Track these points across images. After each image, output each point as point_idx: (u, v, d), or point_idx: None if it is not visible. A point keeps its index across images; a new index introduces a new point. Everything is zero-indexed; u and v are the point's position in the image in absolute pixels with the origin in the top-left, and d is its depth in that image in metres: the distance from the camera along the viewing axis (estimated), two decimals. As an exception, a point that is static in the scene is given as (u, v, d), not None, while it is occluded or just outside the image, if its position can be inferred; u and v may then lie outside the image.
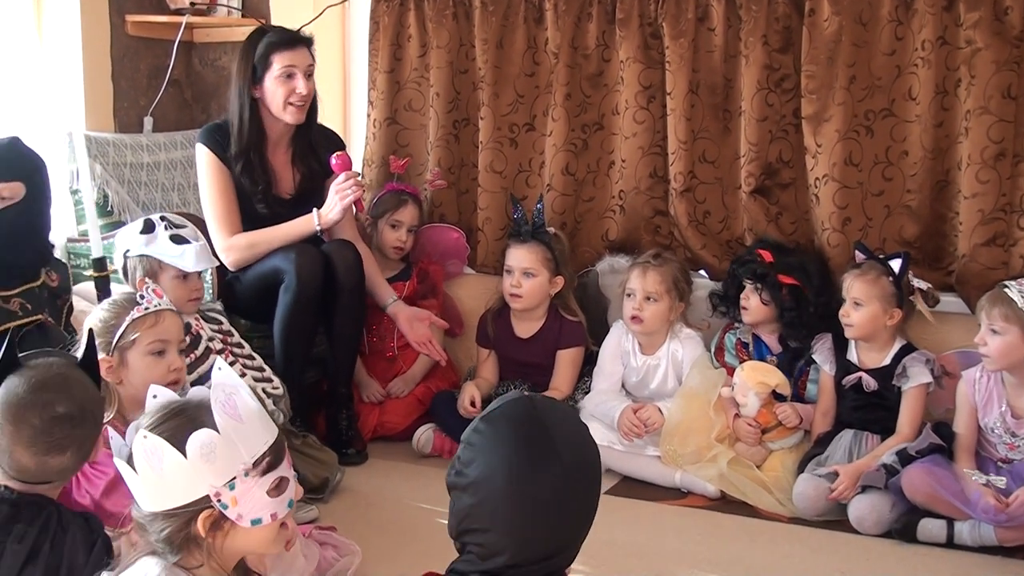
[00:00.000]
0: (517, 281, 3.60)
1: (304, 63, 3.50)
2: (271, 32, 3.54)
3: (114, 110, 4.28)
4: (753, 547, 2.87)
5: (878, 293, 3.13)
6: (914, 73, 3.38)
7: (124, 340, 2.46)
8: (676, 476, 3.27)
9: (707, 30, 3.63)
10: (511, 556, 1.56)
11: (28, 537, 1.83)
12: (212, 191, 3.54)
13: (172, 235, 3.01)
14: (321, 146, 3.62)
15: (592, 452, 1.67)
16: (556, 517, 1.58)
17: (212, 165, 3.53)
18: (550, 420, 1.60)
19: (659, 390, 3.49)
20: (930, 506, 2.85)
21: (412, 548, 2.73)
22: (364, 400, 3.72)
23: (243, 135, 3.50)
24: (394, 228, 3.85)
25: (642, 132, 3.74)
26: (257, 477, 1.65)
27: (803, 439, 3.28)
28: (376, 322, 3.81)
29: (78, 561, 1.84)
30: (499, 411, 1.62)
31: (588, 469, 1.65)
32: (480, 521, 1.57)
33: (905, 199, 3.46)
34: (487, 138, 3.93)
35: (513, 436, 1.58)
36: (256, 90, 3.50)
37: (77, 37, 4.11)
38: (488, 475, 1.56)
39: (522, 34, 3.88)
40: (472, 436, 1.62)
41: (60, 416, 1.86)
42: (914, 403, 3.11)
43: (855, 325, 3.16)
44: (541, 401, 1.66)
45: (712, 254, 3.70)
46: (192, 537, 1.64)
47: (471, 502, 1.58)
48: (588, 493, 1.65)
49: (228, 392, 1.65)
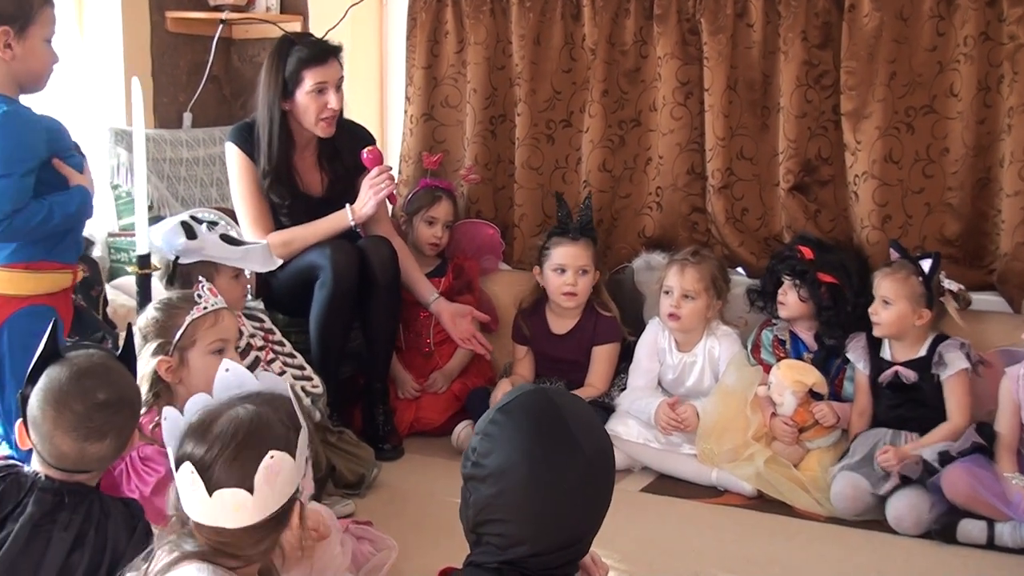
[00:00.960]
0: (573, 279, 3.60)
1: (335, 77, 3.49)
2: (300, 45, 3.50)
3: (154, 106, 4.32)
4: (790, 547, 2.85)
5: (907, 292, 3.10)
6: (956, 69, 3.34)
7: (185, 340, 2.43)
8: (712, 474, 3.26)
9: (746, 26, 3.61)
10: (531, 546, 1.57)
11: (73, 524, 1.85)
12: (244, 190, 3.55)
13: (221, 235, 2.96)
14: (348, 145, 3.61)
15: (607, 441, 1.69)
16: (577, 506, 1.59)
17: (243, 164, 3.55)
18: (567, 410, 1.62)
19: (695, 387, 3.47)
20: (970, 507, 2.82)
21: (448, 543, 2.72)
22: (400, 396, 3.73)
23: (272, 150, 3.49)
24: (429, 224, 3.85)
25: (679, 129, 3.72)
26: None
27: (840, 438, 3.25)
28: (412, 318, 3.82)
29: (120, 545, 1.86)
30: (515, 402, 1.64)
31: (606, 458, 1.67)
32: (500, 512, 1.58)
33: (946, 197, 3.43)
34: (524, 134, 3.92)
35: (532, 426, 1.59)
36: (286, 103, 3.49)
37: (118, 33, 4.16)
38: (508, 465, 1.57)
39: (559, 30, 3.87)
40: (489, 427, 1.63)
41: (101, 402, 1.88)
42: (958, 390, 3.07)
43: (883, 323, 3.14)
44: (556, 392, 1.68)
45: (750, 251, 3.68)
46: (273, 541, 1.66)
47: (490, 492, 1.58)
48: (606, 481, 1.67)
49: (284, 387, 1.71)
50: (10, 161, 2.39)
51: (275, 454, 1.60)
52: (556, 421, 1.59)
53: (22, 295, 2.48)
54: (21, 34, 2.49)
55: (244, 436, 1.62)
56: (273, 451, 1.60)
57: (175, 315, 2.44)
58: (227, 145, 3.60)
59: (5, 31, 2.46)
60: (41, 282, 2.51)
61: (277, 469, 1.60)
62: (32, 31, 2.51)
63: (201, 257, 2.92)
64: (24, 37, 2.49)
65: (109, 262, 3.85)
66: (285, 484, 1.62)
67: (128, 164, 3.90)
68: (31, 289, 2.49)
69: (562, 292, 3.62)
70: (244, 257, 2.98)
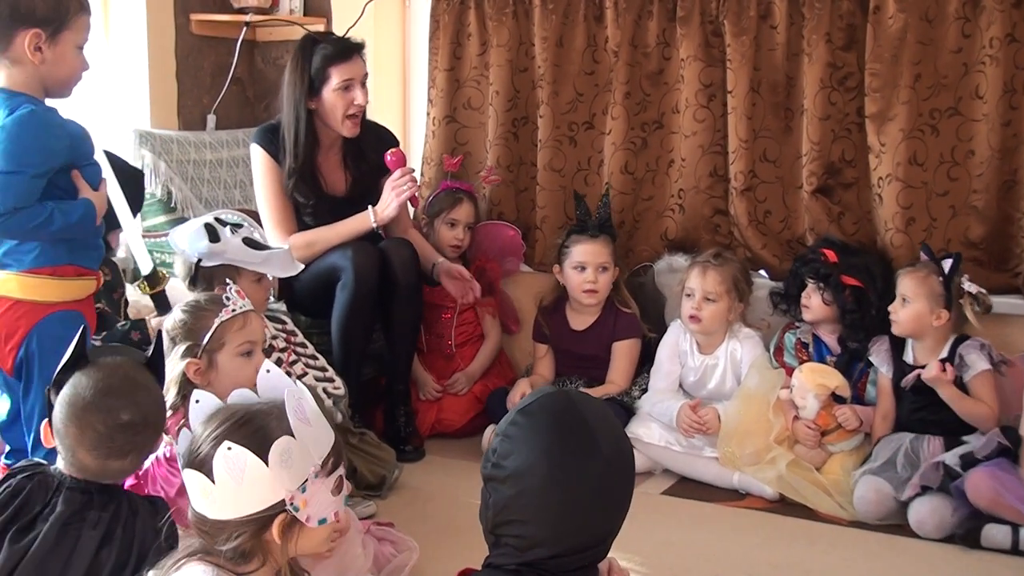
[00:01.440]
0: (593, 276, 3.60)
1: (360, 73, 3.52)
2: (324, 43, 3.53)
3: (178, 108, 4.35)
4: (812, 551, 2.84)
5: (926, 291, 3.08)
6: (981, 71, 3.33)
7: (213, 342, 2.43)
8: (734, 478, 3.25)
9: (769, 28, 3.60)
10: (550, 547, 1.57)
11: (102, 522, 1.87)
12: (268, 192, 3.57)
13: (244, 239, 2.96)
14: (372, 145, 3.63)
15: (627, 443, 1.69)
16: (597, 508, 1.59)
17: (267, 166, 3.57)
18: (587, 412, 1.61)
19: (717, 390, 3.46)
20: (994, 511, 2.79)
21: (469, 544, 2.72)
22: (421, 398, 3.74)
23: (297, 149, 3.51)
24: (451, 227, 3.86)
25: (702, 131, 3.71)
26: (324, 478, 1.68)
27: (863, 442, 3.23)
28: (434, 320, 3.83)
29: (147, 544, 1.88)
30: (536, 404, 1.63)
31: (626, 459, 1.66)
32: (519, 513, 1.58)
33: (971, 199, 3.41)
34: (546, 136, 3.92)
35: (552, 428, 1.59)
36: (312, 102, 3.51)
37: (143, 36, 4.18)
38: (528, 467, 1.57)
39: (582, 32, 3.87)
40: (509, 428, 1.62)
41: (124, 424, 1.89)
42: (985, 386, 3.03)
43: (900, 321, 3.13)
44: (577, 395, 1.68)
45: (772, 254, 3.66)
46: (261, 543, 1.65)
47: (510, 493, 1.58)
48: (626, 484, 1.66)
49: (297, 397, 1.68)
50: (24, 159, 2.37)
51: (233, 447, 1.61)
52: (576, 423, 1.59)
53: (50, 301, 2.49)
54: (53, 38, 2.47)
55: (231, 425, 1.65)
56: (231, 444, 1.61)
57: (203, 317, 2.45)
58: (252, 147, 3.62)
59: (37, 34, 2.45)
60: (68, 288, 2.52)
61: (239, 465, 1.60)
62: (65, 36, 2.50)
63: (223, 260, 2.93)
64: (56, 42, 2.48)
65: (133, 263, 3.87)
66: (258, 487, 1.62)
67: (153, 166, 3.93)
68: (59, 295, 2.49)
69: (583, 289, 3.62)
70: (265, 262, 2.98)
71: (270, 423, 1.66)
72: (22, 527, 1.87)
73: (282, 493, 1.63)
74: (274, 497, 1.63)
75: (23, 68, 2.46)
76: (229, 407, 1.72)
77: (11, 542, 1.85)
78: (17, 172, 2.36)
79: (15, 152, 2.37)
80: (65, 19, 2.49)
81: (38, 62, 2.46)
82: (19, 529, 1.87)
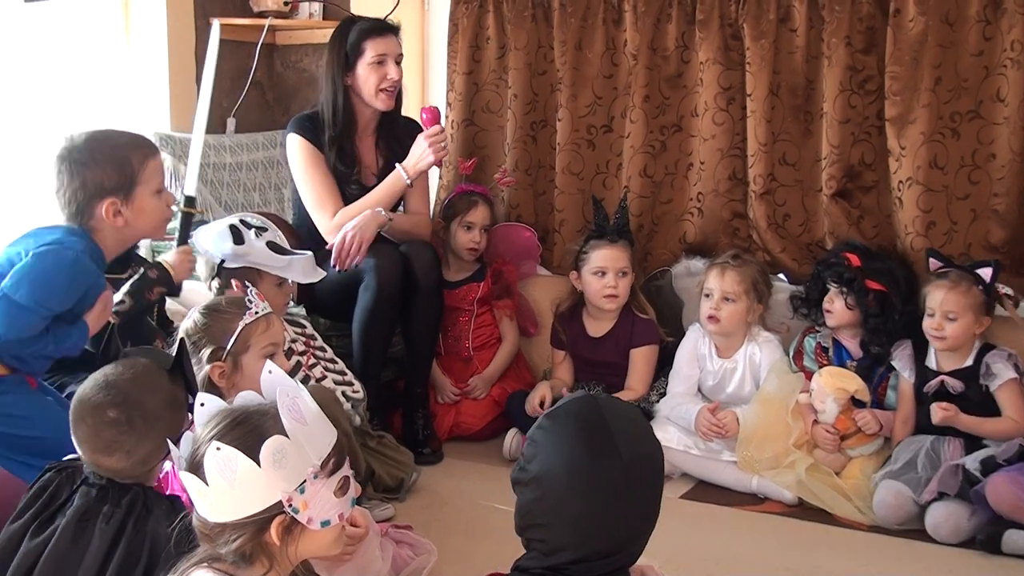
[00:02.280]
0: (614, 281, 3.60)
1: (395, 51, 3.59)
2: (361, 20, 3.64)
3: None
4: (832, 555, 2.83)
5: (971, 303, 3.06)
6: (1003, 74, 3.31)
7: (238, 345, 2.42)
8: (753, 482, 3.24)
9: (789, 31, 3.59)
10: (574, 551, 1.57)
11: (115, 518, 1.89)
12: (310, 175, 3.61)
13: (268, 242, 2.97)
14: (406, 136, 3.68)
15: (652, 447, 1.67)
16: (616, 512, 1.58)
17: (306, 151, 3.61)
18: (610, 416, 1.61)
19: (736, 394, 3.45)
20: (1015, 516, 2.77)
21: (487, 548, 2.74)
22: (439, 401, 3.74)
23: (337, 121, 3.59)
24: (467, 229, 3.86)
25: (721, 134, 3.71)
26: (324, 478, 1.66)
27: (883, 446, 3.22)
28: (451, 323, 3.83)
29: (160, 542, 1.89)
30: (563, 408, 1.65)
31: (648, 463, 1.64)
32: (542, 516, 1.59)
33: (992, 203, 3.39)
34: (564, 140, 3.92)
35: (574, 432, 1.60)
36: (348, 77, 3.59)
37: (163, 39, 4.21)
38: (549, 470, 1.58)
39: (601, 35, 3.87)
40: (536, 433, 1.64)
41: (108, 421, 1.91)
42: (1012, 396, 3.02)
43: (949, 338, 3.08)
44: (604, 399, 1.68)
45: (792, 257, 3.65)
46: (262, 546, 1.64)
47: (533, 497, 1.60)
48: (648, 488, 1.64)
49: (292, 396, 1.67)
50: (44, 300, 2.37)
51: (222, 447, 1.60)
52: (597, 426, 1.59)
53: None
54: (128, 199, 2.52)
55: (226, 426, 1.65)
56: (220, 444, 1.60)
57: (224, 321, 2.44)
58: (288, 137, 3.66)
59: (112, 203, 2.49)
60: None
61: (231, 466, 1.59)
62: (139, 192, 2.53)
63: (246, 263, 2.94)
64: (132, 200, 2.52)
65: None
66: (252, 488, 1.61)
67: (173, 169, 3.95)
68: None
69: (603, 295, 3.61)
70: (288, 267, 2.99)
71: (265, 423, 1.65)
72: (44, 520, 1.92)
73: (278, 494, 1.61)
74: (270, 498, 1.61)
75: (106, 233, 2.51)
76: (228, 408, 1.72)
77: (33, 534, 1.90)
78: (32, 310, 2.36)
79: (39, 290, 2.37)
80: (134, 177, 2.53)
81: (120, 226, 2.50)
82: (41, 522, 1.91)
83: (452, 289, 3.80)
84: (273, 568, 1.67)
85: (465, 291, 3.85)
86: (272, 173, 4.33)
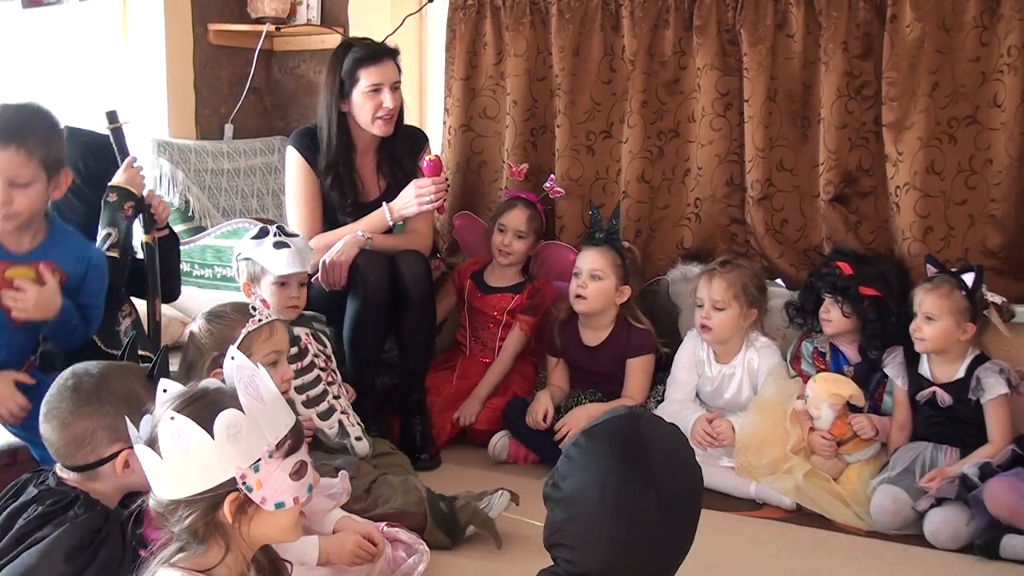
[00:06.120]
0: (584, 283, 3.57)
1: (390, 78, 3.55)
2: (357, 47, 3.59)
3: (196, 117, 4.37)
4: (830, 561, 2.83)
5: (951, 307, 3.06)
6: (999, 80, 3.31)
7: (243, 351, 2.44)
8: (751, 487, 3.23)
9: (786, 36, 3.59)
10: None
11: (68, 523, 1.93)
12: (298, 194, 3.63)
13: (276, 242, 3.03)
14: (407, 149, 3.69)
15: (693, 476, 1.62)
16: (647, 544, 1.54)
17: (300, 168, 3.62)
18: (652, 441, 1.56)
19: (734, 400, 3.45)
20: (1013, 521, 2.77)
21: (480, 551, 2.74)
22: (460, 423, 3.69)
23: (332, 149, 3.58)
24: (500, 231, 3.86)
25: (718, 139, 3.71)
26: (280, 459, 1.64)
27: (880, 451, 3.22)
28: (480, 327, 3.87)
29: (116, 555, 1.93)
30: (604, 426, 1.59)
31: (685, 498, 1.59)
32: (570, 538, 1.56)
33: (989, 208, 3.39)
34: (563, 146, 3.93)
35: (611, 455, 1.54)
36: (344, 104, 3.58)
37: (161, 46, 4.21)
38: (581, 493, 1.54)
39: (599, 41, 3.88)
40: (572, 449, 1.59)
41: (63, 386, 2.01)
42: (999, 413, 3.02)
43: (927, 339, 3.09)
44: (648, 419, 1.61)
45: (789, 263, 3.65)
46: (216, 525, 1.63)
47: (563, 517, 1.56)
48: (685, 520, 1.60)
49: (250, 374, 1.66)
50: None
51: (176, 416, 1.59)
52: (635, 452, 1.54)
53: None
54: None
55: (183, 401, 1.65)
56: (174, 414, 1.60)
57: (230, 327, 2.47)
58: (288, 149, 3.69)
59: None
60: None
61: (185, 436, 1.58)
62: None
63: (249, 255, 3.06)
64: None
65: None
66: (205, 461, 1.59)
67: (171, 175, 3.95)
68: None
69: (573, 295, 3.60)
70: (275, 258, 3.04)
71: (222, 399, 1.64)
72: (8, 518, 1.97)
73: (231, 471, 1.60)
74: (223, 474, 1.60)
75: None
76: (188, 388, 1.71)
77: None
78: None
79: None
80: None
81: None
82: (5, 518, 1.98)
83: (486, 295, 3.81)
84: (231, 551, 1.65)
85: (498, 299, 3.86)
86: (270, 179, 4.33)
